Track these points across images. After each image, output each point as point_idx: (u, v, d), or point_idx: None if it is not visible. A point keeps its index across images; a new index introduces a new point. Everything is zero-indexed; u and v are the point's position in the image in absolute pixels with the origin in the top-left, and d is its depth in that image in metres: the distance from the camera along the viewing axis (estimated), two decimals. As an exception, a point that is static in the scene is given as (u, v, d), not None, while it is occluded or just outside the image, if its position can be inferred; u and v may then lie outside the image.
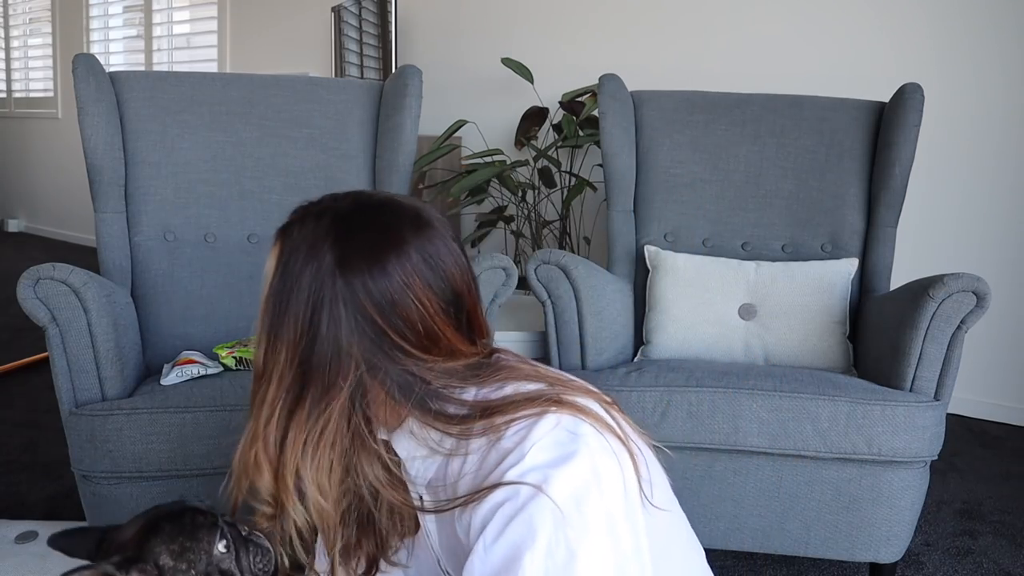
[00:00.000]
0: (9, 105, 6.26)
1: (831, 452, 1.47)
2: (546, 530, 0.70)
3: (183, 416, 1.33)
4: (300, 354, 0.76)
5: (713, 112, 2.07)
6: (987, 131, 2.68)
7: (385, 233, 0.79)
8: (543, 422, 0.74)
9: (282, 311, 0.78)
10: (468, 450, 0.78)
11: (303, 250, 0.79)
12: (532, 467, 0.72)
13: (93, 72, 1.70)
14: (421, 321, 0.78)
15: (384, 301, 0.77)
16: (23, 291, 1.31)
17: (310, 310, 0.77)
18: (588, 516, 0.71)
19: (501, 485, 0.72)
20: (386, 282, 0.77)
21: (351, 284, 0.77)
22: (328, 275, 0.77)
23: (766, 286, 1.84)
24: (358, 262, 0.77)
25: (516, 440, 0.74)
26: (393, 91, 1.91)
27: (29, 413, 2.53)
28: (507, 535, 0.71)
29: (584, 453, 0.73)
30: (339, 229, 0.79)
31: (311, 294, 0.77)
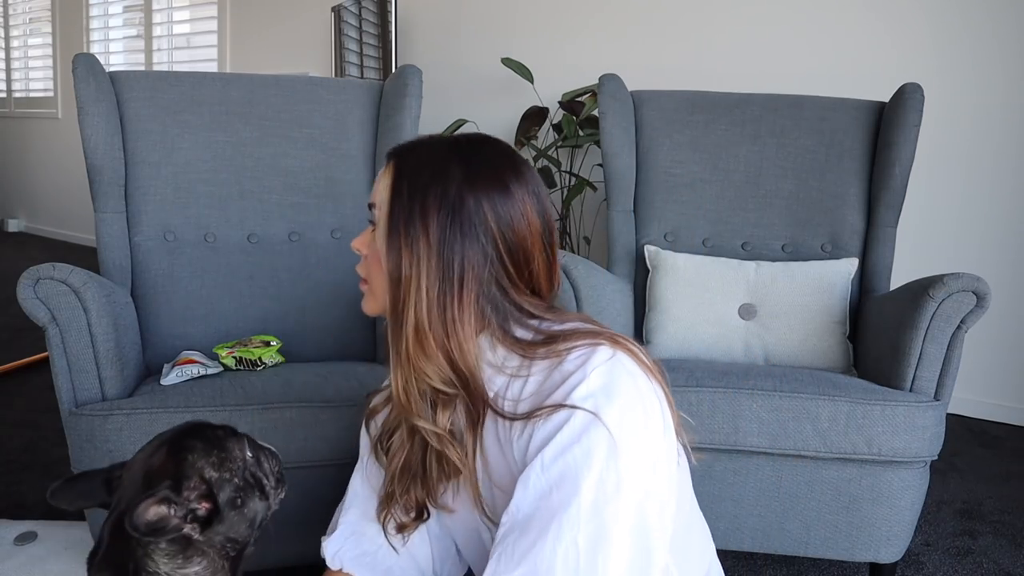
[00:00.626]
0: (9, 105, 6.26)
1: (831, 452, 1.47)
2: (600, 457, 0.78)
3: (183, 416, 1.33)
4: (440, 260, 0.85)
5: (713, 112, 2.07)
6: (987, 131, 2.68)
7: (504, 158, 0.90)
8: (600, 351, 0.83)
9: (418, 219, 0.85)
10: (530, 372, 0.86)
11: (429, 165, 0.87)
12: (591, 392, 0.80)
13: (93, 72, 1.70)
14: (526, 243, 0.88)
15: (503, 217, 0.86)
16: (23, 291, 1.31)
17: (446, 219, 0.85)
18: (636, 449, 0.80)
19: (563, 407, 0.80)
20: (507, 200, 0.87)
21: (478, 198, 0.86)
22: (457, 188, 0.85)
23: (766, 286, 1.84)
24: (484, 179, 0.86)
25: (577, 363, 0.82)
26: (393, 91, 1.91)
27: (29, 413, 2.53)
28: (566, 457, 0.78)
29: (635, 389, 0.82)
30: (462, 151, 0.88)
31: (443, 204, 0.85)
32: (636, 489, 0.79)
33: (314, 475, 1.42)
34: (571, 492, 0.78)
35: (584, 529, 0.77)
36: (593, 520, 0.77)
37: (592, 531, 0.77)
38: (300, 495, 1.43)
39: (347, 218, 1.89)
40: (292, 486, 1.42)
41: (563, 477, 0.78)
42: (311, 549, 1.46)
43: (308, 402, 1.39)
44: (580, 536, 0.77)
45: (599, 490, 0.78)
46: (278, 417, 1.37)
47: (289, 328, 1.79)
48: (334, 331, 1.82)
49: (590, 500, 0.78)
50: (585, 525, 0.77)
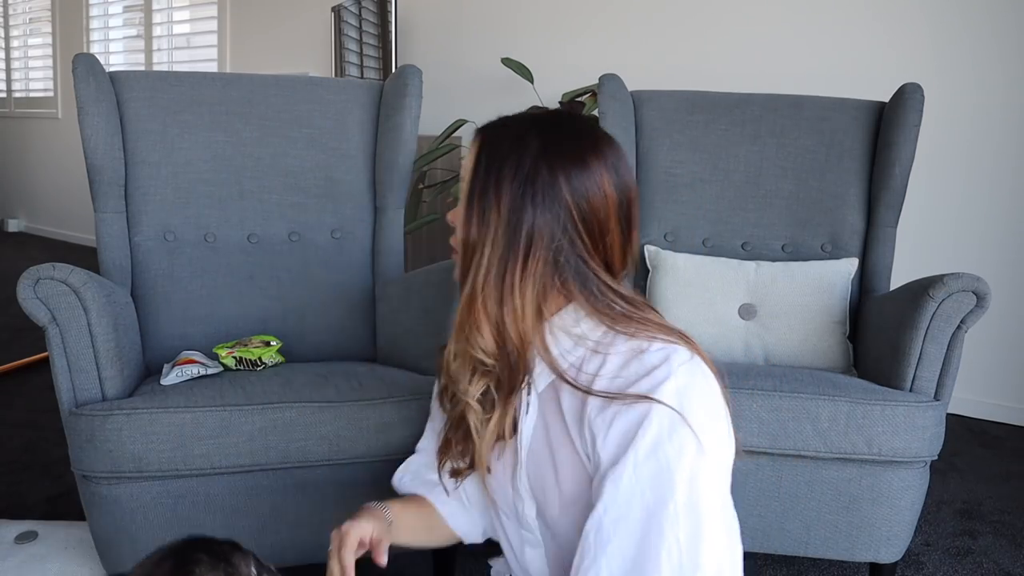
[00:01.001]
0: (9, 105, 6.26)
1: (831, 452, 1.47)
2: (690, 455, 0.81)
3: (183, 416, 1.33)
4: (508, 228, 0.87)
5: (713, 112, 2.07)
6: (987, 131, 2.68)
7: (584, 133, 0.91)
8: (681, 351, 0.86)
9: (492, 190, 0.88)
10: (610, 351, 0.88)
11: (509, 138, 0.90)
12: (677, 391, 0.83)
13: (93, 72, 1.70)
14: (600, 215, 0.89)
15: (579, 189, 0.87)
16: (23, 291, 1.31)
17: (519, 189, 0.87)
18: (717, 449, 0.84)
19: (650, 399, 0.82)
20: (584, 173, 0.88)
21: (553, 169, 0.87)
22: (533, 160, 0.88)
23: (766, 286, 1.84)
24: (561, 152, 0.88)
25: (660, 357, 0.85)
26: (393, 91, 1.91)
27: (29, 413, 2.53)
28: (658, 455, 0.81)
29: (713, 393, 0.86)
30: (543, 124, 0.91)
31: (518, 175, 0.87)
32: (721, 486, 0.84)
33: (314, 475, 1.42)
34: (667, 491, 0.81)
35: (683, 526, 0.80)
36: (689, 517, 0.81)
37: (690, 527, 0.80)
38: (300, 495, 1.43)
39: (347, 218, 1.89)
40: (292, 486, 1.42)
41: (658, 475, 0.81)
42: (311, 548, 1.47)
43: (308, 402, 1.39)
44: (680, 533, 0.80)
45: (691, 487, 0.81)
46: (278, 417, 1.37)
47: (289, 328, 1.79)
48: (334, 331, 1.82)
49: (684, 497, 0.80)
50: (683, 522, 0.80)
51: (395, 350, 1.75)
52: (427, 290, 1.68)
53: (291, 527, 1.43)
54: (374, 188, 1.92)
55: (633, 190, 0.93)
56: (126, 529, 1.35)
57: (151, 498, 1.35)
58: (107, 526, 1.35)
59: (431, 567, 1.67)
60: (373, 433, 1.41)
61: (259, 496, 1.40)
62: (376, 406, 1.41)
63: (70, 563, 1.47)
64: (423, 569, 1.72)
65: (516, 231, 0.87)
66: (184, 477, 1.36)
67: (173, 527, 1.36)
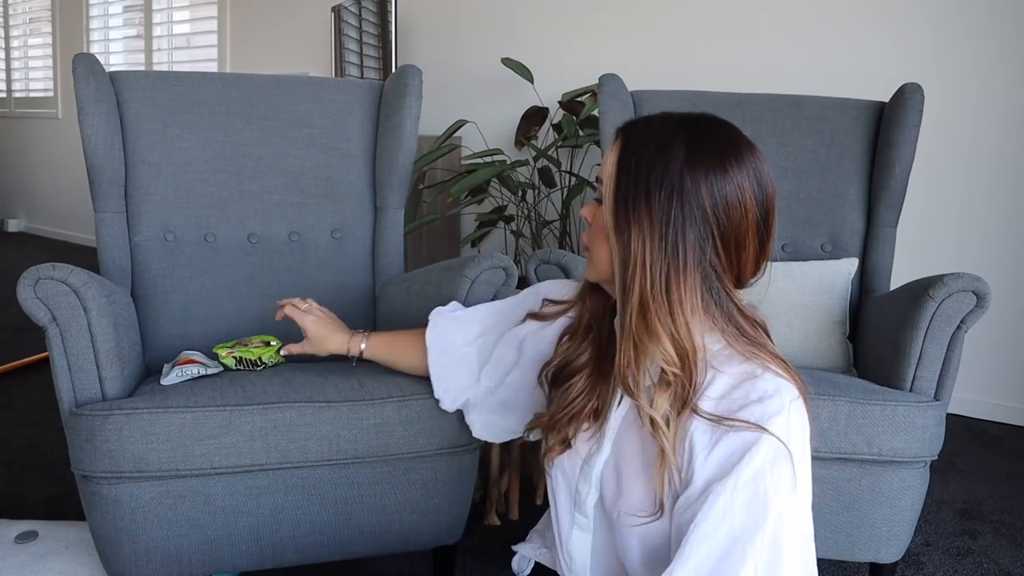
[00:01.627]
0: (9, 105, 6.26)
1: (831, 452, 1.47)
2: (786, 489, 0.83)
3: (183, 416, 1.33)
4: (665, 240, 0.86)
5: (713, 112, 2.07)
6: (987, 131, 2.68)
7: (728, 141, 0.90)
8: (791, 387, 0.87)
9: (642, 198, 0.88)
10: (723, 368, 0.89)
11: (654, 144, 0.89)
12: (787, 427, 0.84)
13: (93, 72, 1.70)
14: (740, 228, 0.88)
15: (719, 198, 0.87)
16: (23, 291, 1.31)
17: (667, 199, 0.87)
18: (806, 488, 0.86)
19: (759, 427, 0.83)
20: (725, 182, 0.87)
21: (696, 178, 0.87)
22: (678, 168, 0.87)
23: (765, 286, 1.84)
24: (705, 161, 0.87)
25: (773, 388, 0.86)
26: (393, 91, 1.91)
27: (29, 413, 2.53)
28: (758, 483, 0.82)
29: (808, 432, 0.87)
30: (689, 130, 0.90)
31: (665, 184, 0.87)
32: (806, 526, 0.86)
33: (314, 475, 1.42)
34: (758, 520, 0.82)
35: (764, 556, 0.82)
36: (773, 548, 0.82)
37: (770, 559, 0.82)
38: (300, 495, 1.43)
39: (347, 218, 1.89)
40: (292, 486, 1.42)
41: (752, 503, 0.82)
42: (312, 548, 1.47)
43: (308, 402, 1.39)
44: (760, 563, 0.82)
45: (780, 520, 0.82)
46: (278, 417, 1.37)
47: (289, 328, 1.79)
48: (334, 331, 1.82)
49: (772, 529, 0.82)
50: (766, 553, 0.82)
51: (395, 350, 1.75)
52: (427, 290, 1.68)
53: (291, 527, 1.43)
54: (374, 188, 1.92)
55: (772, 200, 0.91)
56: (126, 529, 1.35)
57: (151, 498, 1.35)
58: (107, 526, 1.35)
59: (431, 567, 1.67)
60: (373, 433, 1.41)
61: (259, 496, 1.40)
62: (376, 406, 1.41)
63: (70, 563, 1.47)
64: (423, 569, 1.72)
65: (673, 243, 0.86)
66: (184, 477, 1.36)
67: (173, 527, 1.37)
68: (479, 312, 1.30)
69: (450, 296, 1.51)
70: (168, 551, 1.37)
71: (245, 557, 1.43)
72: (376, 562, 1.74)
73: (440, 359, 1.31)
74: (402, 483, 1.47)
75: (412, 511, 1.49)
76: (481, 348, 1.26)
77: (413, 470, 1.47)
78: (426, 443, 1.44)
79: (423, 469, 1.47)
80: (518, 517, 1.92)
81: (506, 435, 1.27)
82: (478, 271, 1.51)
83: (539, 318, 1.15)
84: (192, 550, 1.39)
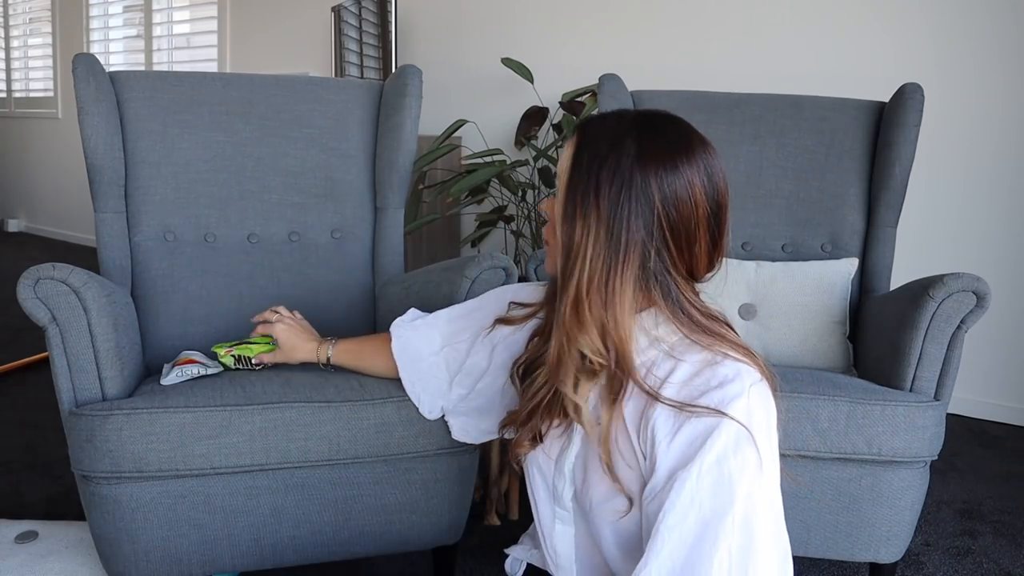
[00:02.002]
0: (9, 105, 6.26)
1: (831, 452, 1.47)
2: (751, 472, 0.84)
3: (183, 416, 1.33)
4: (609, 232, 0.88)
5: (713, 112, 2.07)
6: (987, 131, 2.68)
7: (680, 138, 0.92)
8: (752, 370, 0.88)
9: (592, 191, 0.89)
10: (684, 357, 0.91)
11: (607, 139, 0.91)
12: (748, 410, 0.85)
13: (93, 72, 1.70)
14: (690, 223, 0.89)
15: (669, 194, 0.88)
16: (23, 291, 1.31)
17: (617, 194, 0.88)
18: (773, 469, 0.87)
19: (720, 412, 0.85)
20: (675, 178, 0.88)
21: (647, 174, 0.88)
22: (628, 164, 0.88)
23: (766, 286, 1.84)
24: (655, 157, 0.89)
25: (733, 372, 0.87)
26: (393, 91, 1.91)
27: (29, 413, 2.53)
28: (723, 467, 0.83)
29: (773, 417, 0.88)
30: (641, 127, 0.91)
31: (616, 178, 0.88)
32: (776, 506, 0.87)
33: (314, 475, 1.42)
34: (726, 503, 0.83)
35: (736, 538, 0.83)
36: (744, 530, 0.83)
37: (743, 541, 0.83)
38: (300, 495, 1.43)
39: (347, 218, 1.89)
40: (292, 486, 1.42)
41: (719, 487, 0.83)
42: (312, 548, 1.47)
43: (308, 402, 1.39)
44: (733, 545, 0.83)
45: (748, 502, 0.83)
46: (278, 417, 1.37)
47: (289, 328, 1.79)
48: (334, 331, 1.82)
49: (741, 511, 0.83)
50: (738, 535, 0.83)
51: (395, 350, 1.75)
52: (427, 290, 1.68)
53: (291, 527, 1.43)
54: (374, 188, 1.92)
55: (725, 196, 0.93)
56: (126, 529, 1.35)
57: (151, 498, 1.35)
58: (107, 526, 1.35)
59: (431, 567, 1.67)
60: (373, 433, 1.41)
61: (259, 496, 1.40)
62: (376, 406, 1.41)
63: (70, 563, 1.47)
64: (423, 569, 1.72)
65: (617, 236, 0.88)
66: (184, 477, 1.36)
67: (173, 527, 1.37)
68: (438, 319, 1.29)
69: (450, 296, 1.51)
70: (168, 551, 1.37)
71: (245, 557, 1.43)
72: (376, 562, 1.74)
73: (411, 372, 1.32)
74: (402, 483, 1.47)
75: (412, 511, 1.49)
76: (449, 357, 1.26)
77: (413, 470, 1.47)
78: (426, 443, 1.44)
79: (423, 469, 1.47)
80: (518, 517, 1.92)
81: (484, 436, 1.28)
82: (478, 271, 1.51)
83: (508, 322, 1.16)
84: (192, 550, 1.39)
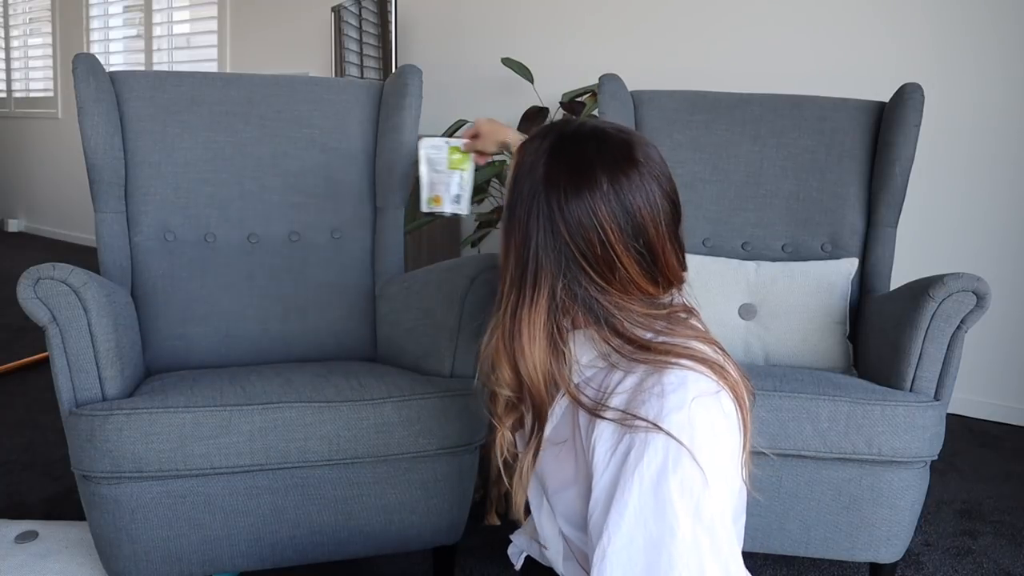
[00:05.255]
0: (9, 105, 6.26)
1: (831, 452, 1.47)
2: (696, 490, 0.80)
3: (183, 416, 1.33)
4: (520, 258, 0.87)
5: (713, 112, 2.07)
6: (987, 131, 2.68)
7: (584, 161, 0.86)
8: (704, 381, 0.84)
9: (511, 219, 0.88)
10: (630, 369, 0.88)
11: (527, 165, 0.89)
12: (690, 424, 0.81)
13: (93, 72, 1.70)
14: (601, 247, 0.85)
15: (572, 221, 0.85)
16: (23, 291, 1.31)
17: (526, 219, 0.87)
18: (721, 484, 0.82)
19: (657, 427, 0.81)
20: (576, 204, 0.85)
21: (550, 200, 0.86)
22: (538, 190, 0.87)
23: (766, 286, 1.84)
24: (558, 182, 0.86)
25: (678, 382, 0.84)
26: (393, 91, 1.91)
27: (29, 413, 2.53)
28: (663, 487, 0.80)
29: (727, 432, 0.84)
30: (552, 150, 0.88)
31: (526, 205, 0.87)
32: (723, 520, 0.83)
33: (314, 475, 1.42)
34: (672, 523, 0.80)
35: (688, 558, 0.80)
36: (694, 550, 0.80)
37: (693, 562, 0.80)
38: (300, 495, 1.43)
39: (347, 218, 1.89)
40: (292, 486, 1.42)
41: (661, 508, 0.80)
42: (312, 548, 1.47)
43: (308, 402, 1.39)
44: (683, 566, 0.80)
45: (696, 521, 0.80)
46: (278, 417, 1.37)
47: (289, 328, 1.79)
48: (334, 331, 1.82)
49: (689, 531, 0.80)
50: (688, 554, 0.80)
51: (395, 350, 1.75)
52: (427, 290, 1.68)
53: (291, 527, 1.44)
54: (374, 188, 1.92)
55: (643, 218, 0.86)
56: (126, 529, 1.35)
57: (151, 498, 1.35)
58: (107, 526, 1.35)
59: (431, 567, 1.67)
60: (373, 433, 1.41)
61: (259, 496, 1.40)
62: (376, 406, 1.41)
63: (70, 563, 1.47)
64: (423, 569, 1.72)
65: (525, 263, 0.86)
66: (184, 477, 1.36)
67: (173, 527, 1.37)
68: None
69: (450, 296, 1.51)
70: (168, 551, 1.37)
71: (245, 557, 1.43)
72: (376, 562, 1.74)
73: None
74: (402, 483, 1.47)
75: (412, 511, 1.49)
76: None
77: (413, 470, 1.47)
78: (426, 443, 1.44)
79: (423, 469, 1.47)
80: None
81: None
82: (478, 271, 1.51)
83: None
84: (192, 550, 1.39)
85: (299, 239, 1.86)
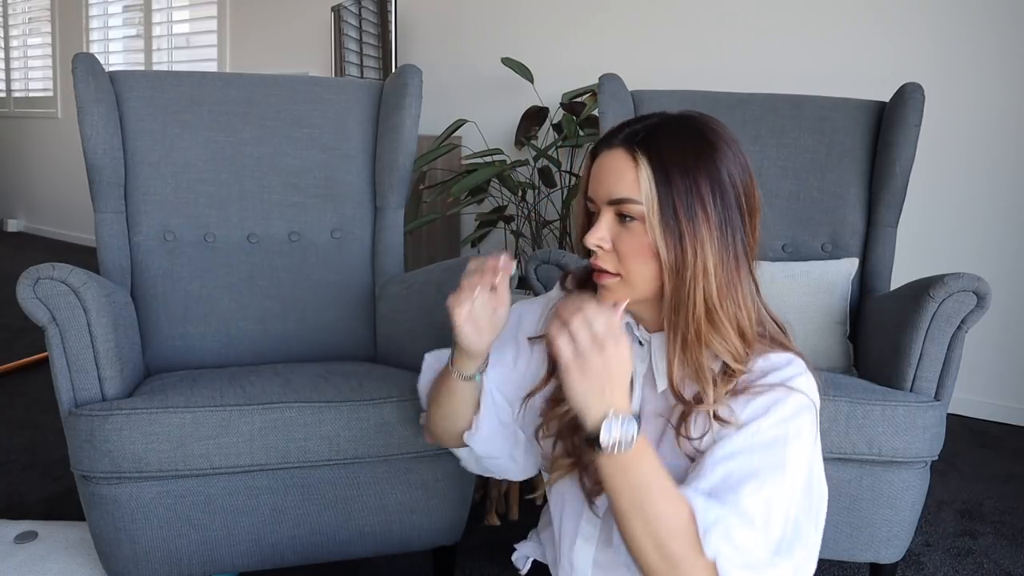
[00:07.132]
0: (9, 105, 6.26)
1: (831, 452, 1.46)
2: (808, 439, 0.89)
3: (183, 416, 1.33)
4: (722, 235, 0.91)
5: (713, 112, 2.04)
6: (987, 131, 2.68)
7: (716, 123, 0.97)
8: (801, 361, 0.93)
9: (696, 204, 0.90)
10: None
11: (687, 150, 0.92)
12: (808, 387, 0.90)
13: (93, 72, 1.70)
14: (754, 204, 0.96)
15: (740, 181, 0.94)
16: (23, 291, 1.31)
17: (715, 197, 0.91)
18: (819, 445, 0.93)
19: (784, 387, 0.89)
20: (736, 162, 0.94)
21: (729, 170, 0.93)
22: (716, 165, 0.92)
23: (766, 286, 1.83)
24: (728, 150, 0.94)
25: (786, 359, 0.92)
26: (393, 91, 1.91)
27: (29, 413, 2.53)
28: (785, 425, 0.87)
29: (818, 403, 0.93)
30: (698, 126, 0.95)
31: (713, 186, 0.91)
32: (821, 476, 0.92)
33: (314, 475, 1.42)
34: (778, 457, 0.86)
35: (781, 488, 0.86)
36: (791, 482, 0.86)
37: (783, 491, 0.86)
38: (300, 495, 1.43)
39: (347, 218, 1.89)
40: (292, 486, 1.42)
41: (775, 441, 0.87)
42: (311, 548, 1.47)
43: (308, 402, 1.39)
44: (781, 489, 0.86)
45: (798, 463, 0.87)
46: (278, 417, 1.37)
47: (289, 328, 1.79)
48: (334, 331, 1.82)
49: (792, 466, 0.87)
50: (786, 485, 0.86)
51: (395, 350, 1.75)
52: (427, 290, 1.68)
53: (291, 527, 1.43)
54: (374, 188, 1.92)
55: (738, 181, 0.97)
56: (126, 529, 1.35)
57: (151, 498, 1.35)
58: (107, 526, 1.35)
59: (431, 567, 1.67)
60: (373, 433, 1.41)
61: (259, 496, 1.40)
62: (376, 406, 1.41)
63: (70, 563, 1.47)
64: (423, 569, 1.72)
65: (731, 240, 0.91)
66: (184, 477, 1.35)
67: (173, 527, 1.36)
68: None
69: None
70: (168, 551, 1.37)
71: (245, 557, 1.42)
72: (376, 562, 1.73)
73: None
74: (402, 483, 1.47)
75: (412, 511, 1.49)
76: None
77: (413, 470, 1.47)
78: (426, 443, 1.43)
79: (423, 469, 1.47)
80: (518, 517, 1.92)
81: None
82: (478, 271, 1.51)
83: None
84: (192, 550, 1.39)
85: (299, 239, 1.86)
